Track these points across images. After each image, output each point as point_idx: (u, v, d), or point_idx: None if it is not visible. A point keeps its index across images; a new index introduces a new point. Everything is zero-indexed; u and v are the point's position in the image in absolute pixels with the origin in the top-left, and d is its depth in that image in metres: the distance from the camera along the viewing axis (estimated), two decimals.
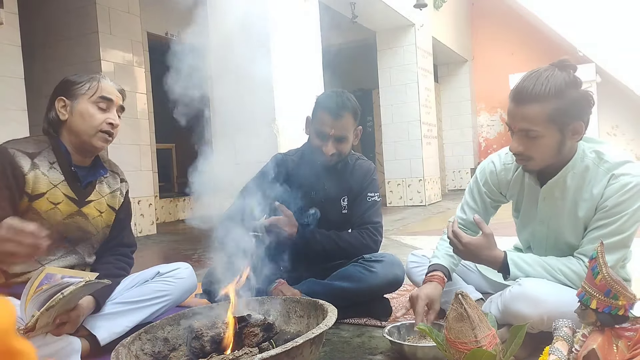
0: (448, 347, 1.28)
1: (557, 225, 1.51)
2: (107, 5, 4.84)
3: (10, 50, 3.43)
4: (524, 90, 1.36)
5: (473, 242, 1.49)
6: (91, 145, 1.62)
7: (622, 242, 1.40)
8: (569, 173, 1.45)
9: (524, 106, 1.36)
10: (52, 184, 1.56)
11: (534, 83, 1.34)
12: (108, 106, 1.63)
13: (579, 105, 1.36)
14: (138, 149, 5.13)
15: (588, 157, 1.45)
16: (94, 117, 1.59)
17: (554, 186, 1.47)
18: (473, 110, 10.09)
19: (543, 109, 1.33)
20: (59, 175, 1.58)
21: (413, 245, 3.77)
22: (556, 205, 1.50)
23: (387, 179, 7.43)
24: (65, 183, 1.60)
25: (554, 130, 1.36)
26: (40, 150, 1.57)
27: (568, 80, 1.34)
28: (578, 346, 1.20)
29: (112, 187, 1.76)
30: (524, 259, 1.50)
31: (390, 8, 6.45)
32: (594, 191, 1.42)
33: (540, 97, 1.33)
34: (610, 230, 1.39)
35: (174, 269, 1.82)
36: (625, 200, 1.37)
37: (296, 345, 1.09)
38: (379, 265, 1.90)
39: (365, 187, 2.01)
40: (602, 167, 1.42)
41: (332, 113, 1.85)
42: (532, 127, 1.36)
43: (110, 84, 1.67)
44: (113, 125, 1.63)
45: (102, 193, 1.72)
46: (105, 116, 1.62)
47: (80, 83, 1.62)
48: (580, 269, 1.42)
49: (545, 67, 1.39)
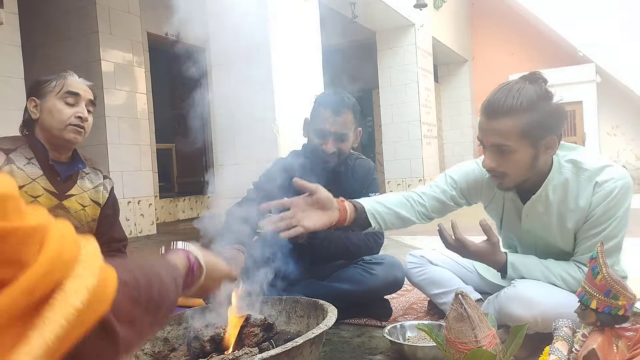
0: (448, 347, 1.28)
1: (545, 235, 1.51)
2: (107, 5, 4.84)
3: (10, 50, 3.43)
4: (495, 103, 1.33)
5: (480, 250, 1.47)
6: (63, 139, 1.64)
7: (616, 246, 1.42)
8: (549, 186, 1.43)
9: (495, 120, 1.33)
10: (30, 177, 1.59)
11: (505, 96, 1.31)
12: (76, 100, 1.66)
13: (552, 119, 1.33)
14: (138, 149, 5.13)
15: (565, 168, 1.43)
16: (61, 112, 1.63)
17: (536, 202, 1.46)
18: (473, 110, 10.08)
19: (515, 123, 1.31)
20: (37, 170, 1.61)
21: (413, 245, 3.77)
22: (541, 220, 1.49)
23: (387, 179, 7.43)
24: (44, 177, 1.62)
25: (526, 145, 1.33)
26: (16, 147, 1.60)
27: (540, 93, 1.32)
28: (578, 346, 1.20)
29: (94, 183, 1.79)
30: (523, 262, 1.50)
31: (390, 8, 6.45)
32: (580, 201, 1.41)
33: (512, 111, 1.30)
34: (602, 237, 1.38)
35: None
36: (613, 207, 1.37)
37: (296, 345, 1.09)
38: (379, 267, 1.89)
39: (366, 187, 2.00)
40: (582, 176, 1.41)
41: (332, 109, 1.84)
42: (504, 142, 1.33)
43: (77, 79, 1.70)
44: (82, 118, 1.65)
45: (83, 188, 1.74)
46: (73, 110, 1.64)
47: (47, 81, 1.66)
48: (581, 276, 1.42)
49: (516, 80, 1.37)
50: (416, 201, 1.62)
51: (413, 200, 1.62)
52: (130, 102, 5.05)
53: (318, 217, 1.43)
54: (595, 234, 1.40)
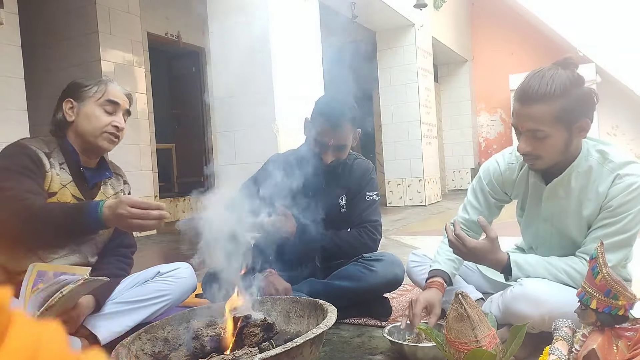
0: (448, 347, 1.28)
1: (562, 223, 1.52)
2: (107, 5, 4.83)
3: (10, 50, 3.43)
4: (529, 90, 1.35)
5: (478, 246, 1.47)
6: (96, 146, 1.64)
7: (626, 241, 1.41)
8: (573, 172, 1.45)
9: (530, 106, 1.36)
10: (61, 184, 1.58)
11: (539, 83, 1.34)
12: (114, 109, 1.65)
13: (584, 103, 1.36)
14: (138, 149, 5.13)
15: (592, 157, 1.45)
16: (99, 119, 1.62)
17: (558, 185, 1.48)
18: (473, 110, 10.09)
19: (550, 108, 1.33)
20: (67, 176, 1.60)
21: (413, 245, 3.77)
22: (560, 204, 1.50)
23: (387, 179, 7.42)
24: (74, 183, 1.61)
25: (561, 129, 1.36)
26: (51, 151, 1.59)
27: (572, 78, 1.35)
28: (578, 346, 1.20)
29: (116, 189, 1.79)
30: (526, 260, 1.50)
31: (390, 8, 6.45)
32: (599, 190, 1.42)
33: (546, 97, 1.33)
34: (614, 229, 1.39)
35: (174, 269, 1.82)
36: (629, 200, 1.38)
37: (296, 345, 1.09)
38: (378, 264, 1.90)
39: (363, 187, 2.01)
40: (606, 166, 1.43)
41: (331, 124, 1.85)
42: (539, 127, 1.36)
43: (117, 88, 1.70)
44: (118, 128, 1.65)
45: (106, 194, 1.74)
46: (110, 119, 1.64)
47: (88, 86, 1.65)
48: (584, 269, 1.42)
49: (549, 66, 1.39)
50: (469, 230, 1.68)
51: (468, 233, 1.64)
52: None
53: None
54: (608, 224, 1.41)
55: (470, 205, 1.72)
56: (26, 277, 1.36)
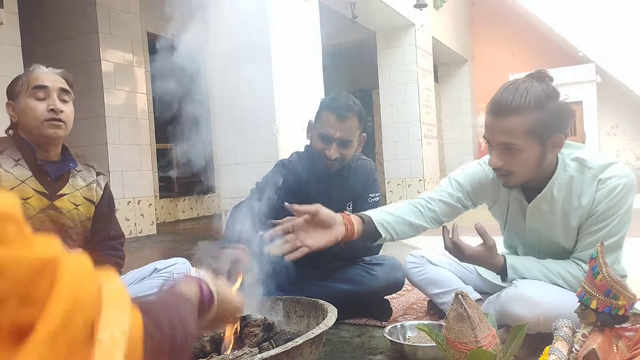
0: (448, 347, 1.28)
1: (549, 234, 1.51)
2: (107, 5, 4.84)
3: (10, 50, 3.43)
4: (502, 102, 1.32)
5: (476, 254, 1.46)
6: (43, 136, 1.58)
7: (616, 243, 1.41)
8: (554, 185, 1.43)
9: (503, 119, 1.32)
10: (18, 179, 1.55)
11: (513, 94, 1.31)
12: (46, 93, 1.59)
13: (559, 117, 1.33)
14: (138, 149, 5.13)
15: (570, 166, 1.43)
16: (33, 108, 1.57)
17: (541, 201, 1.46)
18: (473, 110, 10.09)
19: (523, 121, 1.30)
20: (25, 171, 1.57)
21: (413, 245, 3.76)
22: (545, 218, 1.49)
23: (387, 179, 7.43)
24: (34, 178, 1.58)
25: (534, 144, 1.33)
26: (3, 149, 1.56)
27: (547, 91, 1.32)
28: (578, 346, 1.20)
29: (87, 180, 1.74)
30: (523, 263, 1.49)
31: (390, 8, 6.45)
32: (583, 199, 1.41)
33: (520, 110, 1.30)
34: (604, 234, 1.38)
35: (171, 265, 1.82)
36: (615, 204, 1.37)
37: (296, 345, 1.09)
38: (379, 268, 1.89)
39: (367, 189, 1.99)
40: (587, 174, 1.41)
41: (337, 115, 1.81)
42: (512, 141, 1.33)
43: (43, 70, 1.63)
44: (54, 110, 1.57)
45: (76, 186, 1.69)
46: (45, 104, 1.58)
47: (16, 81, 1.62)
48: (580, 274, 1.42)
49: (522, 78, 1.36)
50: (425, 206, 1.61)
51: (421, 206, 1.61)
52: (130, 102, 5.05)
53: (321, 235, 1.41)
54: (597, 230, 1.40)
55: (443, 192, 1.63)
56: None
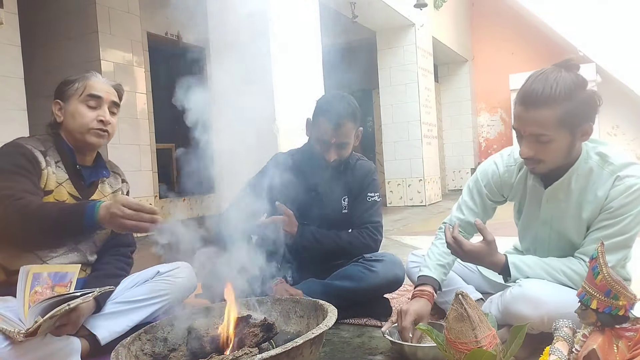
0: (448, 347, 1.28)
1: (561, 226, 1.51)
2: (107, 5, 4.83)
3: (10, 50, 3.43)
4: (533, 93, 1.32)
5: (475, 249, 1.47)
6: (86, 143, 1.64)
7: (625, 242, 1.41)
8: (573, 175, 1.44)
9: (534, 110, 1.32)
10: (57, 182, 1.58)
11: (543, 85, 1.31)
12: (98, 103, 1.65)
13: (588, 106, 1.34)
14: (138, 149, 5.13)
15: (592, 159, 1.44)
16: (83, 115, 1.62)
17: (558, 188, 1.46)
18: (473, 110, 10.08)
19: (554, 112, 1.30)
20: (63, 174, 1.61)
21: (413, 245, 3.76)
22: (559, 207, 1.49)
23: (387, 179, 7.42)
24: (70, 182, 1.61)
25: (565, 134, 1.34)
26: (47, 149, 1.59)
27: (577, 81, 1.32)
28: (578, 346, 1.20)
29: (114, 187, 1.79)
30: (524, 261, 1.49)
31: (390, 8, 6.45)
32: (598, 193, 1.41)
33: (551, 101, 1.30)
34: (614, 231, 1.38)
35: (173, 268, 1.82)
36: (630, 202, 1.37)
37: (296, 345, 1.08)
38: (379, 264, 1.90)
39: (365, 187, 2.01)
40: (606, 169, 1.41)
41: (332, 122, 1.85)
42: (543, 132, 1.33)
43: (100, 80, 1.68)
44: (103, 122, 1.64)
45: (104, 192, 1.74)
46: (95, 114, 1.63)
47: (70, 84, 1.65)
48: (582, 269, 1.42)
49: (551, 68, 1.36)
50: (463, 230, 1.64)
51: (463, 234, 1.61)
52: (130, 102, 5.05)
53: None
54: (608, 226, 1.40)
55: (465, 205, 1.70)
56: (21, 280, 1.35)
